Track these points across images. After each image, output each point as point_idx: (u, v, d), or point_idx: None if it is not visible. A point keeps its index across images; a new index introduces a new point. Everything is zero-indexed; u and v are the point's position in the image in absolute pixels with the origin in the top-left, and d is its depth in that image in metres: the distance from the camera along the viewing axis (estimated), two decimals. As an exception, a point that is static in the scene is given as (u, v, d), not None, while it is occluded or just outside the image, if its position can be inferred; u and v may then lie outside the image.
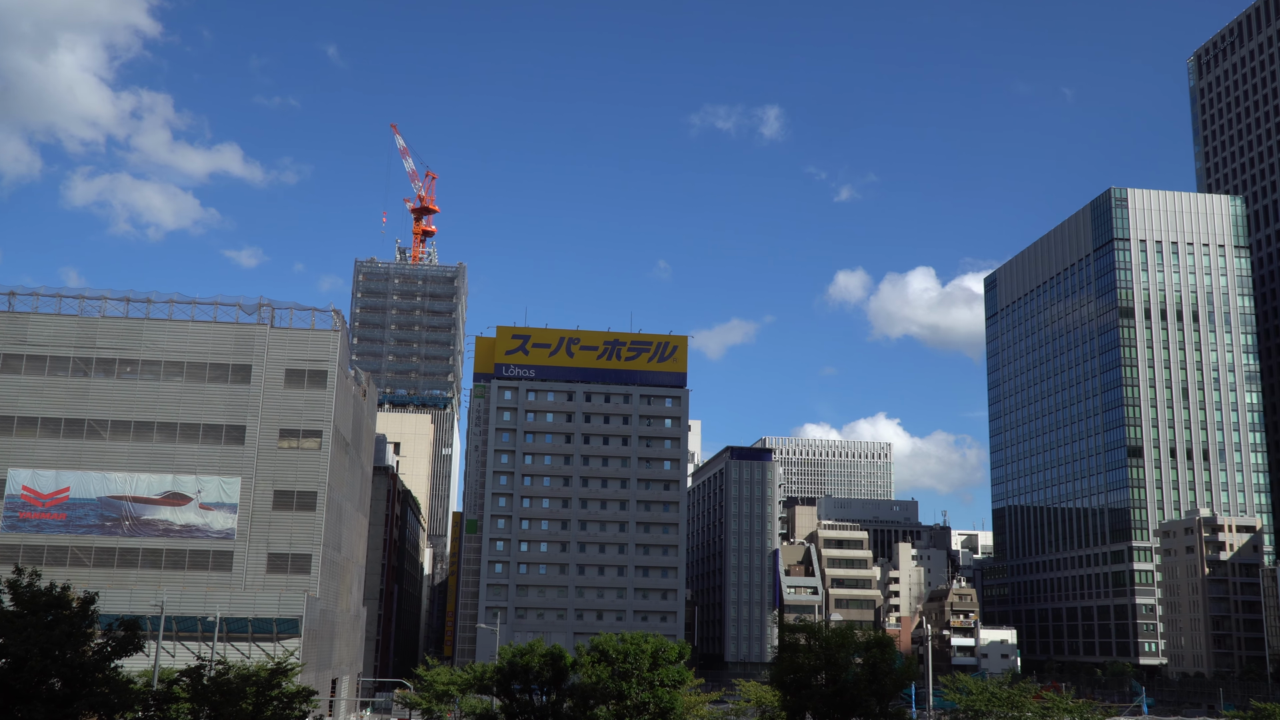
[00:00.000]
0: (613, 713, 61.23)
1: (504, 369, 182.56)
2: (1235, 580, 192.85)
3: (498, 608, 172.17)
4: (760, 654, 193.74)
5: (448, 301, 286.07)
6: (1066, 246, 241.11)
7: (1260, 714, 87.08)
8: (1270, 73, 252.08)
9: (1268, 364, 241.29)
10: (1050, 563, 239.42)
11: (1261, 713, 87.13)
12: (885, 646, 62.01)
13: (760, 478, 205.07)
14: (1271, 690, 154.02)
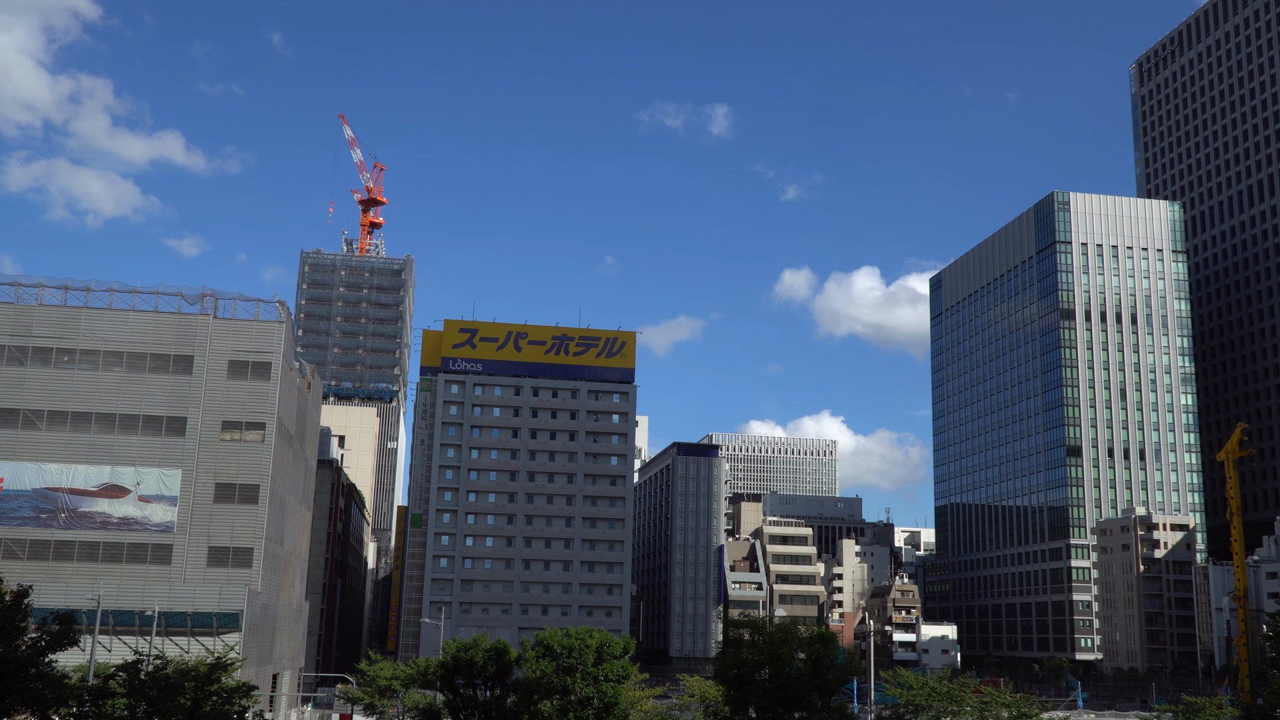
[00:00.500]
0: (557, 707, 61.24)
1: (451, 363, 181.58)
2: (1169, 578, 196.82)
3: (442, 602, 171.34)
4: (705, 649, 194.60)
5: (395, 294, 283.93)
6: (1010, 248, 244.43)
7: (1191, 708, 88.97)
8: (1209, 81, 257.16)
9: (1202, 366, 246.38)
10: (991, 560, 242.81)
11: (1192, 707, 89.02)
12: (828, 642, 62.58)
13: (706, 474, 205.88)
14: (1202, 685, 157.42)
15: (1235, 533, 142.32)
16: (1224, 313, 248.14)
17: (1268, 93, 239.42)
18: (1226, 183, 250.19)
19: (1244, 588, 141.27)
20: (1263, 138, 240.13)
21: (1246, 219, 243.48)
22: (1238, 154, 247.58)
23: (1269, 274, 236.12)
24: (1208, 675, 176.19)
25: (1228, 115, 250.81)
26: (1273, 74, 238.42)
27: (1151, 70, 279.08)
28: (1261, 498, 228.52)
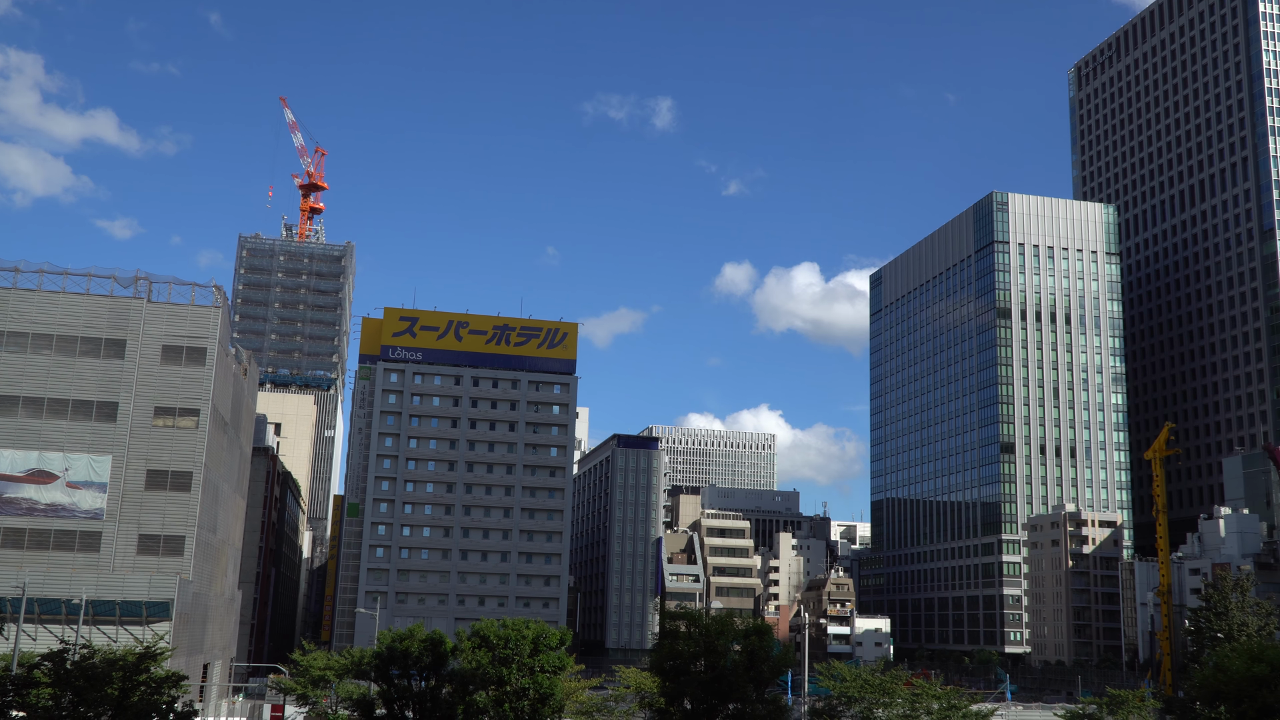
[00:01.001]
0: (492, 698, 61.13)
1: (391, 351, 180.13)
2: (1096, 573, 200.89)
3: (378, 592, 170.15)
4: (641, 641, 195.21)
5: (334, 281, 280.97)
6: (949, 247, 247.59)
7: (1114, 701, 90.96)
8: (1144, 87, 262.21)
9: (1133, 366, 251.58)
10: (924, 554, 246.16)
11: (1116, 699, 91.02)
12: (764, 634, 63.06)
13: (646, 466, 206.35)
14: (1126, 678, 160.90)
15: (1161, 530, 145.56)
16: (1154, 314, 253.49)
17: (1200, 99, 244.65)
18: (1160, 187, 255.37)
19: (1168, 584, 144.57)
20: (1195, 144, 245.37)
21: (1178, 223, 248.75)
22: (1171, 159, 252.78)
23: (1199, 277, 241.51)
24: (1131, 668, 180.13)
25: (1162, 121, 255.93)
26: (1205, 81, 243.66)
27: (1089, 75, 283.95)
28: (1186, 496, 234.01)
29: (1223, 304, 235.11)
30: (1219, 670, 47.39)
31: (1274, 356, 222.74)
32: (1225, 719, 46.50)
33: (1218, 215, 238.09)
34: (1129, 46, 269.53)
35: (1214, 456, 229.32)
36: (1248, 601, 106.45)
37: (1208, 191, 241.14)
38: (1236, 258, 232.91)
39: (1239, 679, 45.48)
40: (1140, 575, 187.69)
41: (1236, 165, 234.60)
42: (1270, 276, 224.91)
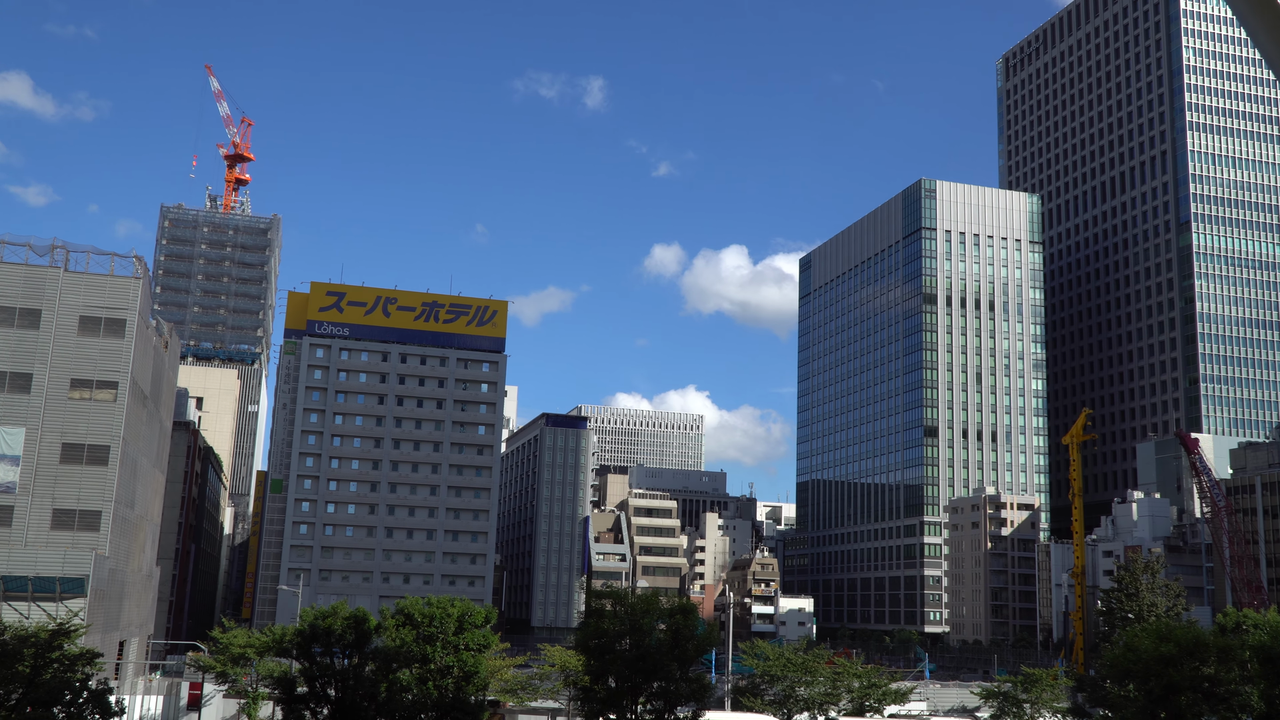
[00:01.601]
0: (416, 676, 60.90)
1: (317, 326, 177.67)
2: (1014, 555, 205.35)
3: (301, 569, 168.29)
4: (567, 619, 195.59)
5: (260, 254, 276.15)
6: (878, 232, 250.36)
7: (1029, 679, 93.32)
8: (1070, 80, 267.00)
9: (1053, 353, 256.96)
10: (848, 535, 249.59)
11: (1030, 678, 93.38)
12: (688, 613, 63.55)
13: (574, 445, 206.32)
14: (1040, 657, 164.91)
15: (1076, 513, 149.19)
16: (1074, 303, 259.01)
17: (1123, 93, 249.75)
18: (1082, 178, 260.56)
19: (1082, 565, 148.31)
20: (1117, 136, 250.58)
21: (1099, 213, 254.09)
22: (1094, 151, 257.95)
23: (1118, 267, 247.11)
24: (1046, 648, 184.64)
25: (1086, 113, 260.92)
26: (1128, 76, 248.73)
27: (1017, 66, 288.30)
28: (1102, 480, 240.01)
29: (1140, 294, 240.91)
30: (1129, 650, 48.74)
31: (1187, 346, 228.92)
32: (1134, 696, 47.87)
33: (1137, 207, 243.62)
34: (1056, 39, 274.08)
35: (1129, 442, 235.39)
36: (1157, 583, 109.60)
37: (1128, 183, 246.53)
38: (1154, 249, 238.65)
39: (1147, 658, 46.81)
40: (1056, 557, 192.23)
41: (1156, 159, 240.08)
42: (1185, 268, 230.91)
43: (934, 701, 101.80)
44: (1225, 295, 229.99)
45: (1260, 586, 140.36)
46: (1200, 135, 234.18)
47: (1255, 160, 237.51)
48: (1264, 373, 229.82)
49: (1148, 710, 46.53)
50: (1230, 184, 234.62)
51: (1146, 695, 46.76)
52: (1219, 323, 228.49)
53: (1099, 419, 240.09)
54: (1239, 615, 62.93)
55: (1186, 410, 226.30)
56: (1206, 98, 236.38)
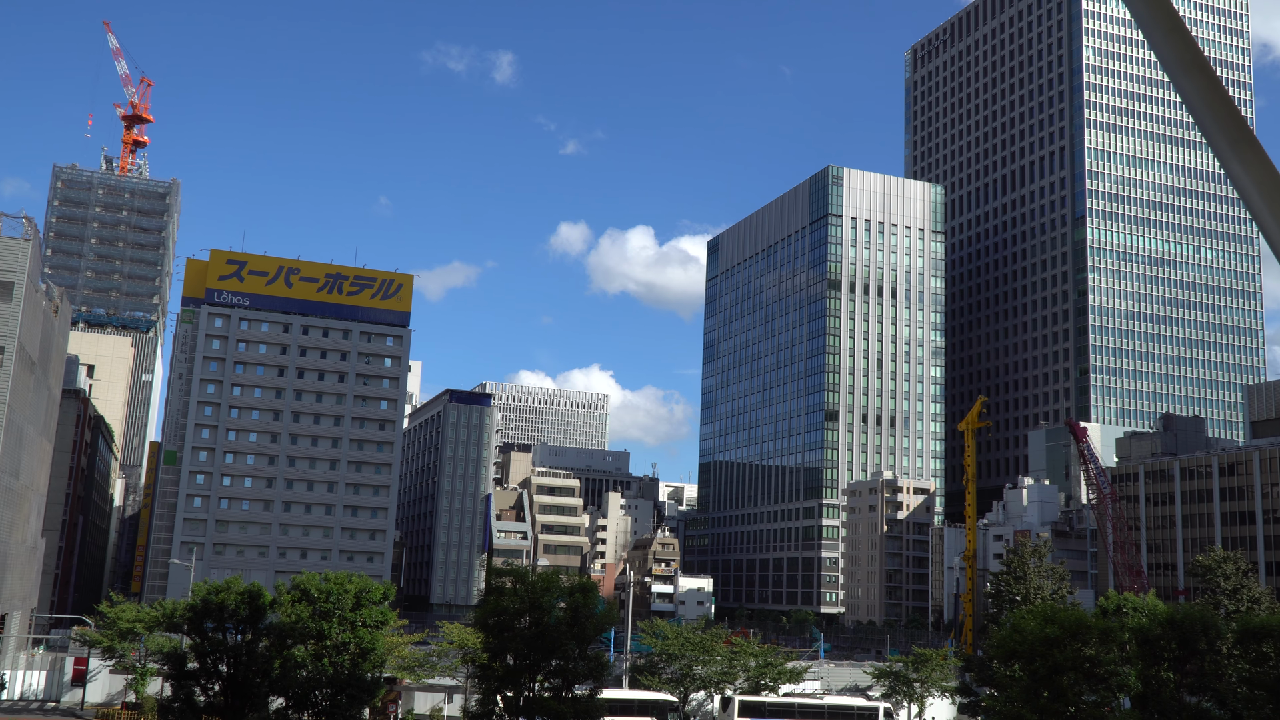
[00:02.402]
0: (311, 652, 60.16)
1: (216, 295, 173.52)
2: (909, 538, 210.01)
3: (194, 543, 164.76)
4: (467, 597, 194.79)
5: (157, 219, 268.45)
6: (785, 218, 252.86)
7: (920, 659, 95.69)
8: (975, 73, 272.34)
9: (951, 341, 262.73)
10: (749, 516, 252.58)
11: (921, 657, 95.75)
12: (588, 592, 63.77)
13: (478, 422, 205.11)
14: (931, 637, 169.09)
15: (970, 498, 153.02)
16: (973, 292, 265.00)
17: (1025, 89, 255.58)
18: (984, 170, 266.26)
19: (974, 549, 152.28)
20: (1018, 131, 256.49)
21: (999, 205, 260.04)
22: (996, 144, 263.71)
23: (1016, 259, 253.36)
24: (937, 628, 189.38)
25: (989, 107, 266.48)
26: (1030, 72, 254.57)
27: (925, 57, 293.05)
28: (995, 466, 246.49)
29: (1035, 285, 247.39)
30: (1015, 631, 50.23)
31: (1079, 337, 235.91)
32: (1019, 676, 49.36)
33: (1035, 200, 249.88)
34: (963, 33, 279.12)
35: (1021, 429, 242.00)
36: (1044, 567, 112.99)
37: (1028, 177, 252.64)
38: (1050, 242, 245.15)
39: (1033, 639, 48.29)
40: (949, 540, 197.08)
41: (1054, 154, 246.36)
42: (1079, 261, 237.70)
43: (828, 681, 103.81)
44: (1116, 289, 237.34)
45: (1140, 571, 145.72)
46: (1097, 133, 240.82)
47: (1149, 159, 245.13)
48: (1150, 365, 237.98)
49: (1032, 690, 48.04)
50: (1124, 181, 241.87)
51: (1031, 675, 48.26)
52: (1109, 315, 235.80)
53: (994, 406, 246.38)
54: (1120, 598, 65.24)
55: (1077, 400, 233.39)
56: (1104, 96, 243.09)
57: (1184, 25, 4.65)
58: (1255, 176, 4.44)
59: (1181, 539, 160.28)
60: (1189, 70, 4.65)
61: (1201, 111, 4.54)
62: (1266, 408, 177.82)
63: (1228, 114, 4.48)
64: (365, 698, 61.71)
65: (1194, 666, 52.94)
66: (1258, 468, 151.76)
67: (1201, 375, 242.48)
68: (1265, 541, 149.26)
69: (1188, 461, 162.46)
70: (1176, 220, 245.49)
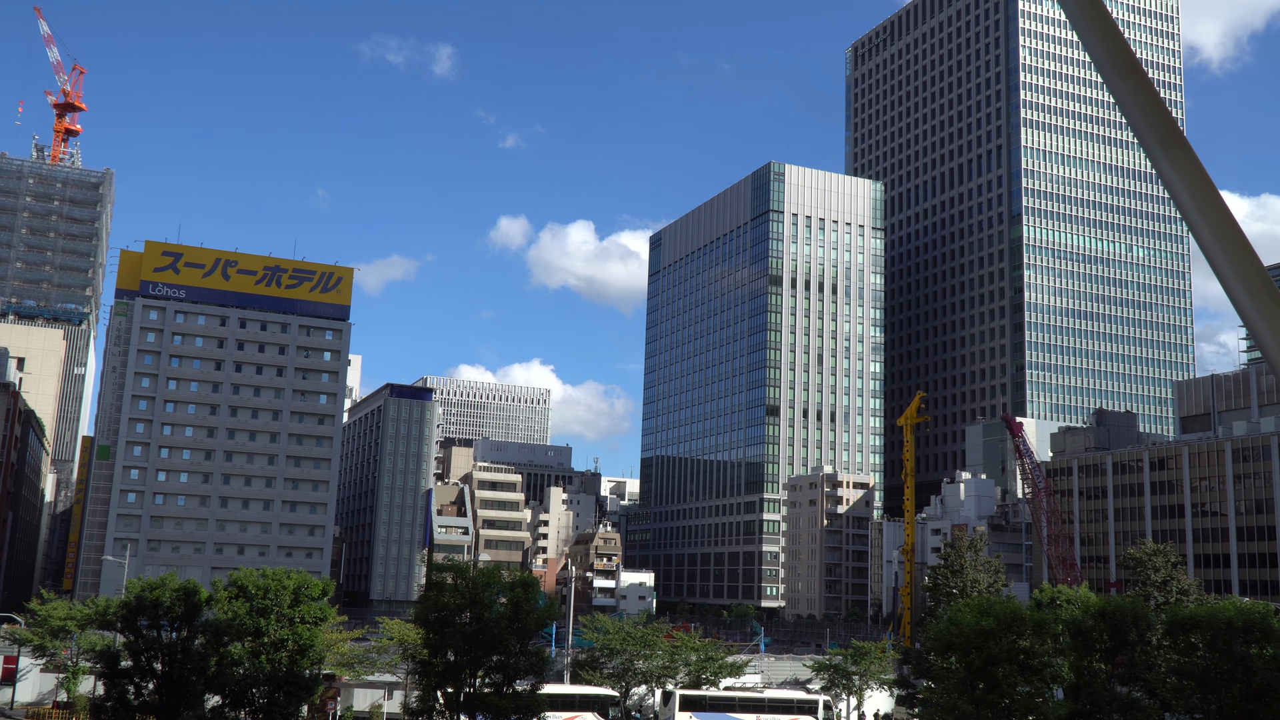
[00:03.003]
0: (248, 650, 59.41)
1: (151, 287, 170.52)
2: (849, 532, 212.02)
3: (128, 539, 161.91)
4: (407, 592, 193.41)
5: (90, 209, 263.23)
6: (727, 213, 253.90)
7: (859, 652, 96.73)
8: (915, 72, 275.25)
9: (891, 337, 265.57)
10: (690, 510, 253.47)
11: (860, 650, 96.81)
12: (529, 587, 63.64)
13: (419, 417, 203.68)
14: (870, 631, 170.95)
15: (908, 492, 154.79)
16: (912, 289, 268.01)
17: (963, 88, 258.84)
18: (924, 167, 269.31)
19: (912, 543, 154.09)
20: (956, 129, 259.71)
21: (938, 203, 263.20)
22: (935, 142, 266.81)
23: (954, 255, 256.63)
24: (876, 622, 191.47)
25: (929, 105, 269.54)
26: (969, 71, 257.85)
27: (865, 55, 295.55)
28: (934, 461, 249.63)
29: (973, 282, 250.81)
30: (952, 624, 50.92)
31: (1015, 334, 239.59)
32: (955, 668, 50.07)
33: (973, 198, 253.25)
34: (903, 31, 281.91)
35: (959, 425, 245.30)
36: (980, 560, 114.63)
37: (966, 175, 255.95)
38: (987, 239, 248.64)
39: (969, 632, 49.00)
40: (888, 534, 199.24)
41: (992, 152, 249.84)
42: (1015, 258, 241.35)
43: (768, 674, 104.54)
44: (1051, 287, 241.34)
45: (1074, 564, 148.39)
46: (1033, 132, 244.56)
47: (1083, 158, 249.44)
48: (1084, 361, 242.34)
49: (968, 681, 48.75)
50: (1059, 180, 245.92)
51: (967, 667, 48.96)
52: (1045, 313, 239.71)
53: (932, 402, 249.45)
54: (1054, 591, 66.39)
55: (1013, 395, 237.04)
56: (1041, 96, 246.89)
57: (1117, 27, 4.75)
58: (1184, 177, 4.54)
59: (1113, 532, 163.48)
60: (1121, 72, 4.75)
61: (1133, 112, 4.64)
62: (1195, 403, 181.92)
63: (1159, 115, 4.58)
64: (304, 695, 61.08)
65: (1125, 657, 54.01)
66: (1187, 462, 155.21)
67: (1133, 371, 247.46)
68: (1194, 534, 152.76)
69: (1119, 456, 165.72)
70: (1110, 219, 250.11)
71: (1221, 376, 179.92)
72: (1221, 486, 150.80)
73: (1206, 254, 4.45)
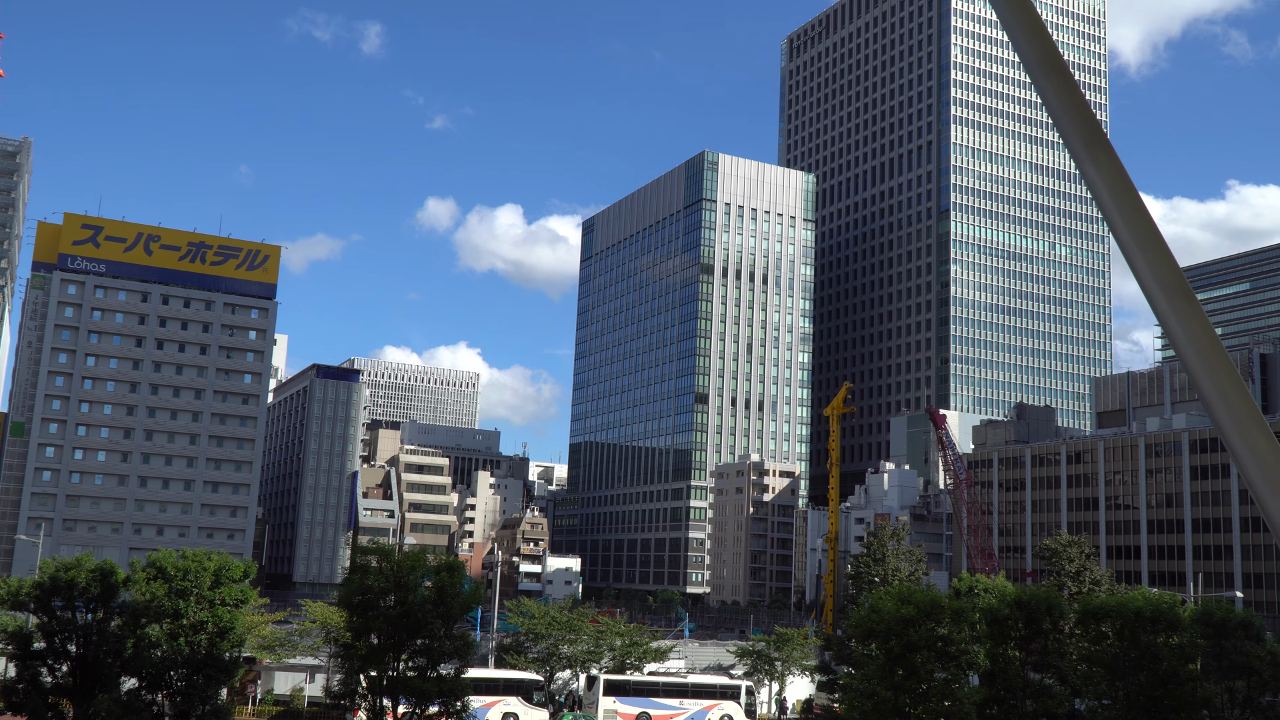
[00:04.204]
0: (167, 632, 58.47)
1: (70, 260, 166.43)
2: (774, 520, 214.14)
3: (43, 518, 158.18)
4: (331, 575, 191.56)
5: (7, 179, 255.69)
6: (661, 200, 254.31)
7: (781, 638, 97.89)
8: (848, 65, 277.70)
9: (819, 328, 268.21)
10: (618, 496, 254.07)
11: (782, 637, 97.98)
12: (455, 570, 63.36)
13: (346, 398, 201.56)
14: (794, 617, 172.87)
15: (833, 481, 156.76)
16: (841, 280, 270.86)
17: (895, 83, 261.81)
18: (855, 160, 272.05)
19: (836, 531, 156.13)
20: (888, 124, 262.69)
21: (869, 196, 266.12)
22: (867, 135, 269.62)
23: (883, 249, 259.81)
24: (799, 609, 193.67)
25: (861, 99, 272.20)
26: (901, 66, 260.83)
27: (800, 47, 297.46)
28: (859, 451, 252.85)
29: (901, 275, 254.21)
30: (873, 611, 51.77)
31: (941, 327, 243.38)
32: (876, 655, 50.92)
33: (903, 192, 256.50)
34: (838, 24, 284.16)
35: (884, 416, 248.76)
36: (902, 549, 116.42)
37: (896, 170, 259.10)
38: (916, 234, 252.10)
39: (889, 619, 49.85)
40: (813, 523, 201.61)
41: (922, 148, 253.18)
42: (943, 253, 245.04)
43: (692, 659, 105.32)
44: (976, 282, 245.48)
45: (992, 554, 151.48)
46: (963, 129, 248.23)
47: (1010, 156, 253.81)
48: (1007, 356, 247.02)
49: (887, 668, 49.60)
50: (986, 177, 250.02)
51: (887, 654, 49.81)
52: (969, 307, 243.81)
53: (858, 393, 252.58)
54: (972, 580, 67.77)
55: (937, 388, 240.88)
56: (970, 94, 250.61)
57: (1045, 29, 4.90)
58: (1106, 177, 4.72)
59: (1031, 523, 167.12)
60: (1048, 72, 4.91)
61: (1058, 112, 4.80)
62: (1111, 399, 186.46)
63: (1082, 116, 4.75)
64: (223, 678, 60.27)
65: (1038, 645, 55.37)
66: (1102, 456, 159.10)
67: (1053, 367, 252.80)
68: (1107, 527, 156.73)
69: (1038, 449, 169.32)
70: (1035, 217, 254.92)
71: (1137, 374, 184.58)
72: (1134, 481, 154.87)
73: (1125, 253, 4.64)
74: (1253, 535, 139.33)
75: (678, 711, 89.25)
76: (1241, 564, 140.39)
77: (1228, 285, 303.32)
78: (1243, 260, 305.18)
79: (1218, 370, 4.40)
